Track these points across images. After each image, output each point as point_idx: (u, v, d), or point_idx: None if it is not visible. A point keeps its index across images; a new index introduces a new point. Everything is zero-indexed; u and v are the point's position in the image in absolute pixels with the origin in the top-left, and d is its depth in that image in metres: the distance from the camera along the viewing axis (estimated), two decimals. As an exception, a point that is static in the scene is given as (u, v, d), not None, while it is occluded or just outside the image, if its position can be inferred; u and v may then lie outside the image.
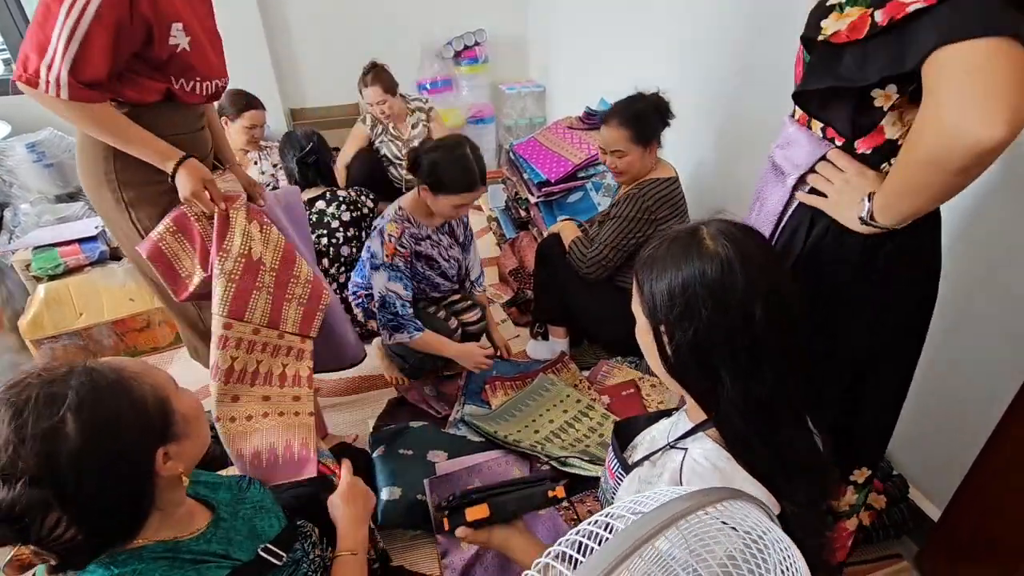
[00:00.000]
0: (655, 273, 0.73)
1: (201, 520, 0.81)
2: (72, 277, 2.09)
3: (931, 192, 0.70)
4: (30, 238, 2.19)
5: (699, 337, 0.69)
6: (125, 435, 0.66)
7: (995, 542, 1.13)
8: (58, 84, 1.01)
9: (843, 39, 0.71)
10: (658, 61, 2.29)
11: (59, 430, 0.61)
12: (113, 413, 0.66)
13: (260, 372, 1.21)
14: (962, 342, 1.27)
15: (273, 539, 0.86)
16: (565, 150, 2.51)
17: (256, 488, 0.95)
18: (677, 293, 0.69)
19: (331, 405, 1.98)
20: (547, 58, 3.57)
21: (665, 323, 0.71)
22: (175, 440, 0.72)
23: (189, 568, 0.71)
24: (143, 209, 1.22)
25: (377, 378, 2.07)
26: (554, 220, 2.36)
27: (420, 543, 1.46)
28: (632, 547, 0.40)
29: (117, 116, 1.12)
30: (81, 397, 0.64)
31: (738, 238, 0.71)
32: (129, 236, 1.26)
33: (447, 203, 1.64)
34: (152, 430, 0.70)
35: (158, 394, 0.72)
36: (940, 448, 1.37)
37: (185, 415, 0.75)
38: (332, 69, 3.40)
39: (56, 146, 2.57)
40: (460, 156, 1.61)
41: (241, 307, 1.18)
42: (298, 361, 1.27)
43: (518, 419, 1.71)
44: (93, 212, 2.51)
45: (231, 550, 0.78)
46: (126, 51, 1.07)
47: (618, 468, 0.88)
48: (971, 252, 1.22)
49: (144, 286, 2.13)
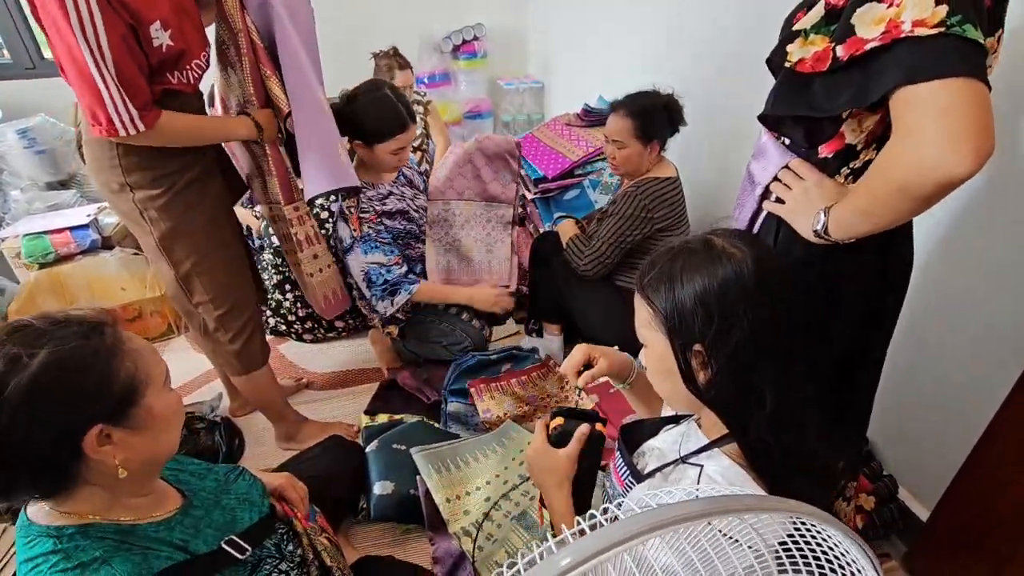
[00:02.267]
0: (677, 290, 0.69)
1: (170, 506, 0.80)
2: (63, 265, 2.07)
3: (893, 215, 0.73)
4: (20, 225, 2.16)
5: (739, 345, 0.66)
6: (73, 393, 0.66)
7: (984, 542, 1.14)
8: (133, 122, 1.07)
9: (808, 69, 0.75)
10: (659, 59, 2.29)
11: (21, 360, 0.63)
12: (76, 369, 0.66)
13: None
14: (951, 343, 1.28)
15: (242, 531, 0.85)
16: (563, 147, 2.51)
17: (245, 480, 0.95)
18: (713, 302, 0.67)
19: (324, 398, 1.97)
20: (547, 54, 3.56)
21: (698, 338, 0.68)
22: (126, 427, 0.70)
23: (135, 552, 0.70)
24: (145, 191, 1.23)
25: (371, 371, 2.07)
26: (551, 217, 2.36)
27: (412, 537, 1.46)
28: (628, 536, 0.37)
29: (186, 117, 1.20)
30: (61, 345, 0.66)
31: (752, 242, 0.70)
32: (131, 217, 1.27)
33: (384, 152, 1.57)
34: (100, 404, 0.68)
35: (135, 377, 0.71)
36: (929, 448, 1.39)
37: (154, 411, 0.72)
38: (329, 60, 3.36)
39: (48, 132, 2.54)
40: (379, 98, 1.54)
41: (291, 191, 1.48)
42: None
43: (472, 471, 1.54)
44: (85, 200, 2.49)
45: (192, 541, 0.77)
46: (145, 70, 1.10)
47: (627, 475, 0.86)
48: (958, 255, 1.23)
49: (139, 275, 2.12)
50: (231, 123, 1.34)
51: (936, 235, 1.25)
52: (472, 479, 1.50)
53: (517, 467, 1.55)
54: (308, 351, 2.21)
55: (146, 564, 0.69)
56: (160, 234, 1.28)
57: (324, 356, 2.17)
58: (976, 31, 0.62)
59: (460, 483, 1.48)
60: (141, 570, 0.68)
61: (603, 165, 2.42)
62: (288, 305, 2.16)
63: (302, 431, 1.73)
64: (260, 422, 1.77)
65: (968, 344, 1.26)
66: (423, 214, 1.83)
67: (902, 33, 0.64)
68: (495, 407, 1.74)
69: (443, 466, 1.50)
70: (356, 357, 2.16)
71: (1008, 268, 1.15)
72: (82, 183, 2.64)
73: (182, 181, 1.26)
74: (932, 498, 1.27)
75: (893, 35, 0.65)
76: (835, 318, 0.91)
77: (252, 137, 1.34)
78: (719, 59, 1.91)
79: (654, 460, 0.85)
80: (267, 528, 0.89)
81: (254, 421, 1.83)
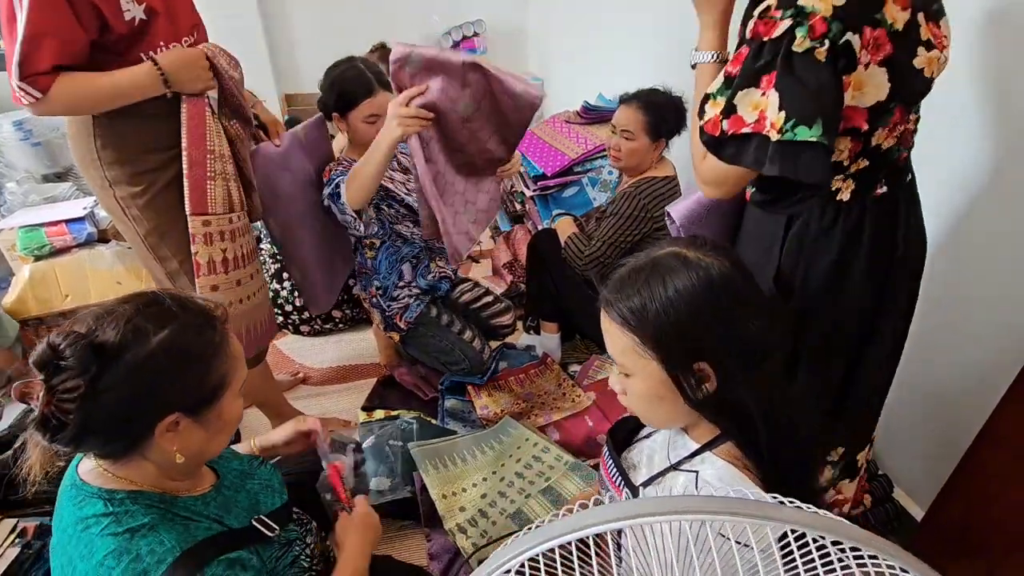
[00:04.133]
0: (667, 310, 0.67)
1: (206, 483, 0.82)
2: (59, 258, 2.05)
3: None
4: (16, 217, 2.15)
5: (743, 347, 0.67)
6: (175, 379, 0.69)
7: (978, 542, 1.15)
8: (24, 91, 1.00)
9: (709, 129, 0.85)
10: (659, 58, 2.28)
11: (147, 335, 0.67)
12: (186, 358, 0.70)
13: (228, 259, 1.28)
14: (948, 343, 1.29)
15: (269, 512, 0.87)
16: (562, 144, 2.50)
17: (267, 468, 0.96)
18: (708, 313, 0.66)
19: (321, 393, 1.97)
20: (547, 51, 3.56)
21: (701, 355, 0.67)
22: (196, 421, 0.73)
23: (178, 522, 0.72)
24: (124, 188, 1.21)
25: (368, 366, 2.06)
26: (549, 214, 2.36)
27: (408, 534, 1.46)
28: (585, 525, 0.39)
29: (83, 76, 1.06)
30: (182, 331, 0.70)
31: (715, 247, 0.71)
32: (115, 213, 1.26)
33: (358, 119, 1.55)
34: (191, 395, 0.71)
35: (224, 378, 0.74)
36: (924, 448, 1.39)
37: (223, 414, 0.75)
38: (329, 54, 3.33)
39: (44, 124, 2.52)
40: (347, 67, 1.56)
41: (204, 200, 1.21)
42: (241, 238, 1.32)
43: (469, 467, 1.53)
44: (81, 193, 2.48)
45: (226, 517, 0.79)
46: (79, 35, 1.02)
47: (616, 475, 0.86)
48: (958, 254, 1.23)
49: (135, 269, 2.11)
50: (134, 71, 1.09)
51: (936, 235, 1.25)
52: (468, 476, 1.50)
53: (514, 464, 1.55)
54: (305, 346, 2.20)
55: (188, 533, 0.71)
56: (144, 232, 1.26)
57: (321, 351, 2.17)
58: (810, 129, 0.73)
59: (456, 479, 1.48)
60: (185, 538, 0.70)
61: (602, 162, 2.42)
62: (285, 295, 2.15)
63: (299, 427, 1.72)
64: (256, 417, 1.76)
65: (964, 345, 1.26)
66: (415, 197, 1.66)
67: (763, 129, 0.77)
68: (492, 404, 1.75)
69: (440, 462, 1.50)
70: (353, 352, 2.16)
71: (1006, 269, 1.16)
72: (78, 175, 2.62)
73: (162, 180, 1.23)
74: (927, 498, 1.28)
75: (757, 128, 0.78)
76: (840, 294, 0.94)
77: (156, 88, 1.11)
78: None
79: (644, 463, 0.84)
80: (287, 515, 0.91)
81: (250, 416, 1.82)
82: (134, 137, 1.18)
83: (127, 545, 0.67)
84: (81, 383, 0.64)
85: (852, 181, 0.89)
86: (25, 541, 1.20)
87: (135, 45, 1.10)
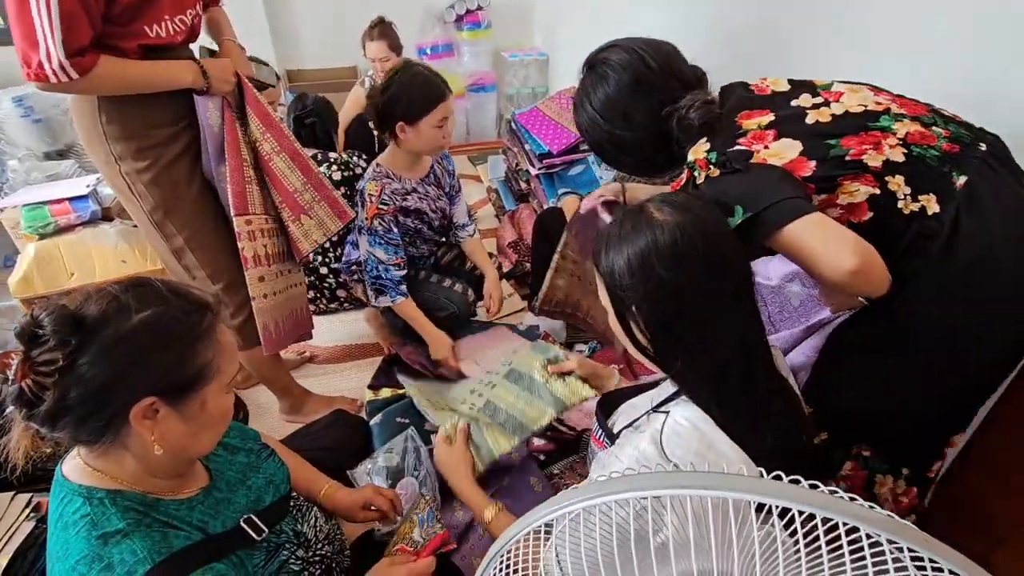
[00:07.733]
0: (611, 255, 0.74)
1: (194, 486, 0.80)
2: (63, 236, 2.04)
3: None
4: (19, 195, 2.13)
5: (661, 305, 0.72)
6: (151, 357, 0.68)
7: (973, 540, 1.15)
8: (64, 70, 1.00)
9: (675, 186, 0.91)
10: (669, 33, 2.23)
11: (130, 312, 0.67)
12: (166, 338, 0.69)
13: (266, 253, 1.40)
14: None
15: (264, 509, 0.85)
16: (568, 121, 2.47)
17: (273, 462, 0.94)
18: (636, 266, 0.71)
19: (326, 372, 1.98)
20: (552, 25, 3.49)
21: (631, 299, 0.73)
22: (175, 409, 0.70)
23: (156, 529, 0.70)
24: (130, 163, 1.21)
25: (374, 345, 2.07)
26: (555, 192, 2.34)
27: (416, 509, 1.48)
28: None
29: (123, 63, 1.09)
30: (165, 313, 0.69)
31: (684, 207, 0.73)
32: (120, 190, 1.26)
33: (428, 125, 1.55)
34: (168, 378, 0.69)
35: (208, 366, 0.72)
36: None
37: (206, 406, 0.73)
38: (330, 31, 3.31)
39: (45, 101, 2.49)
40: (414, 75, 1.55)
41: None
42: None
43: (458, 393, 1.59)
44: (84, 171, 2.46)
45: (211, 523, 0.77)
46: (96, 11, 1.02)
47: (603, 437, 0.91)
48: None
49: (140, 247, 2.10)
50: (174, 66, 1.17)
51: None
52: (458, 401, 1.54)
53: (502, 368, 1.54)
54: (311, 325, 2.21)
55: (165, 542, 0.69)
56: (150, 208, 1.26)
57: (327, 330, 2.17)
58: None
59: (447, 406, 1.53)
60: (160, 547, 0.68)
61: (609, 140, 2.39)
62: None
63: (306, 404, 1.74)
64: (264, 394, 1.78)
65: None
66: (438, 215, 1.81)
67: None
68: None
69: (432, 393, 1.59)
70: (360, 331, 2.16)
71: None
72: (80, 153, 2.61)
73: (167, 156, 1.23)
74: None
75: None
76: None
77: (198, 84, 1.20)
78: (733, 35, 1.87)
79: (625, 417, 0.89)
80: (283, 509, 0.89)
81: (258, 393, 1.84)
82: (140, 112, 1.18)
83: (99, 551, 0.66)
84: (59, 356, 0.63)
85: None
86: (40, 515, 1.22)
87: (139, 17, 1.09)
